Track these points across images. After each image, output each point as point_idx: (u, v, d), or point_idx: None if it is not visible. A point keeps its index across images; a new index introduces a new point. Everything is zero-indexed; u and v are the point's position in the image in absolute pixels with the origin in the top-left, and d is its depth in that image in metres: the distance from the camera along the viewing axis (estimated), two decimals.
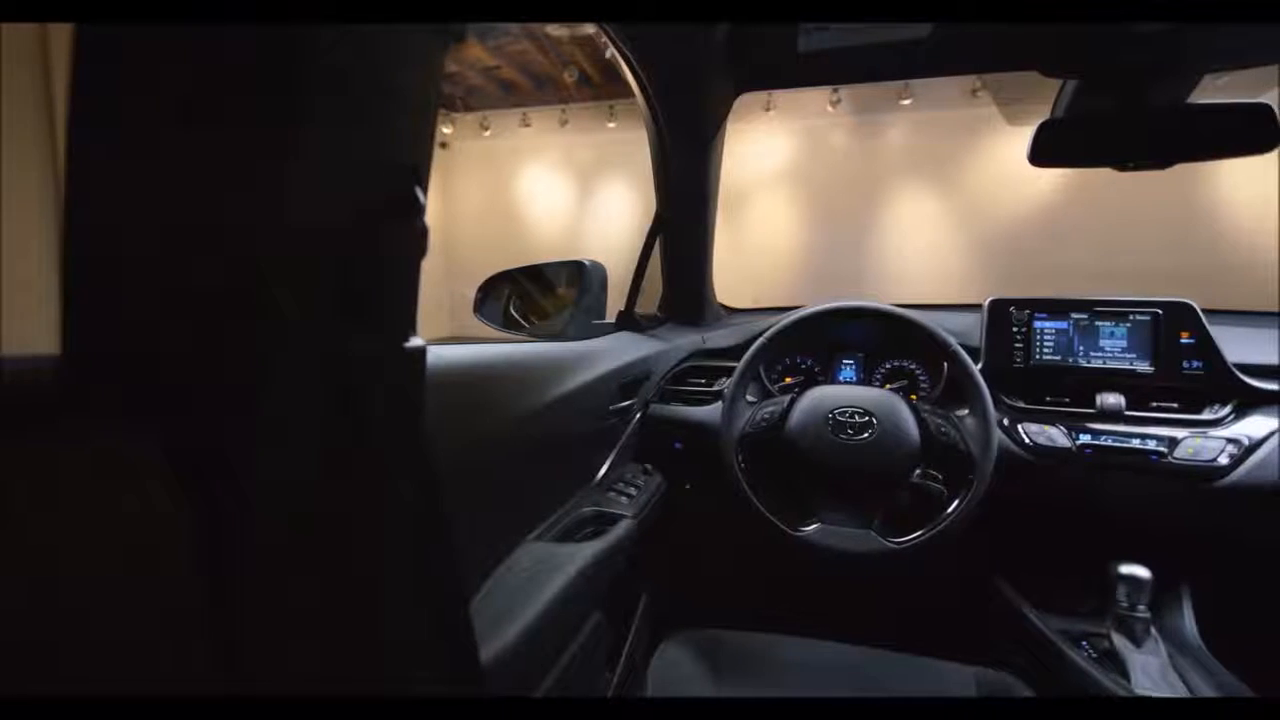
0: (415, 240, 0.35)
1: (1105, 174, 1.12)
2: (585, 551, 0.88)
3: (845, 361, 1.36)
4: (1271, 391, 1.08)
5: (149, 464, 0.26)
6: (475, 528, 0.78)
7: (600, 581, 0.94)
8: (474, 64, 5.83)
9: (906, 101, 5.49)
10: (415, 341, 0.36)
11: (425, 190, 0.35)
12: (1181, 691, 0.93)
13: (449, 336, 6.27)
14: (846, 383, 1.33)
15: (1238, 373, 1.09)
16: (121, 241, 0.27)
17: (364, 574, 0.36)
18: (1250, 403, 1.09)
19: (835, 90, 5.54)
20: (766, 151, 6.05)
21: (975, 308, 1.28)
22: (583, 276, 1.29)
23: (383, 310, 0.34)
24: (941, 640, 1.09)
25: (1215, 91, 1.10)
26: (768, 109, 5.83)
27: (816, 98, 5.66)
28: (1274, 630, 1.12)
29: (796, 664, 1.01)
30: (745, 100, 1.23)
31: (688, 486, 1.32)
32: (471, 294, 1.29)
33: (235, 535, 0.29)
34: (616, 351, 1.16)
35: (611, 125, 6.32)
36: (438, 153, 7.10)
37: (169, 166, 0.27)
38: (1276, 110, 0.94)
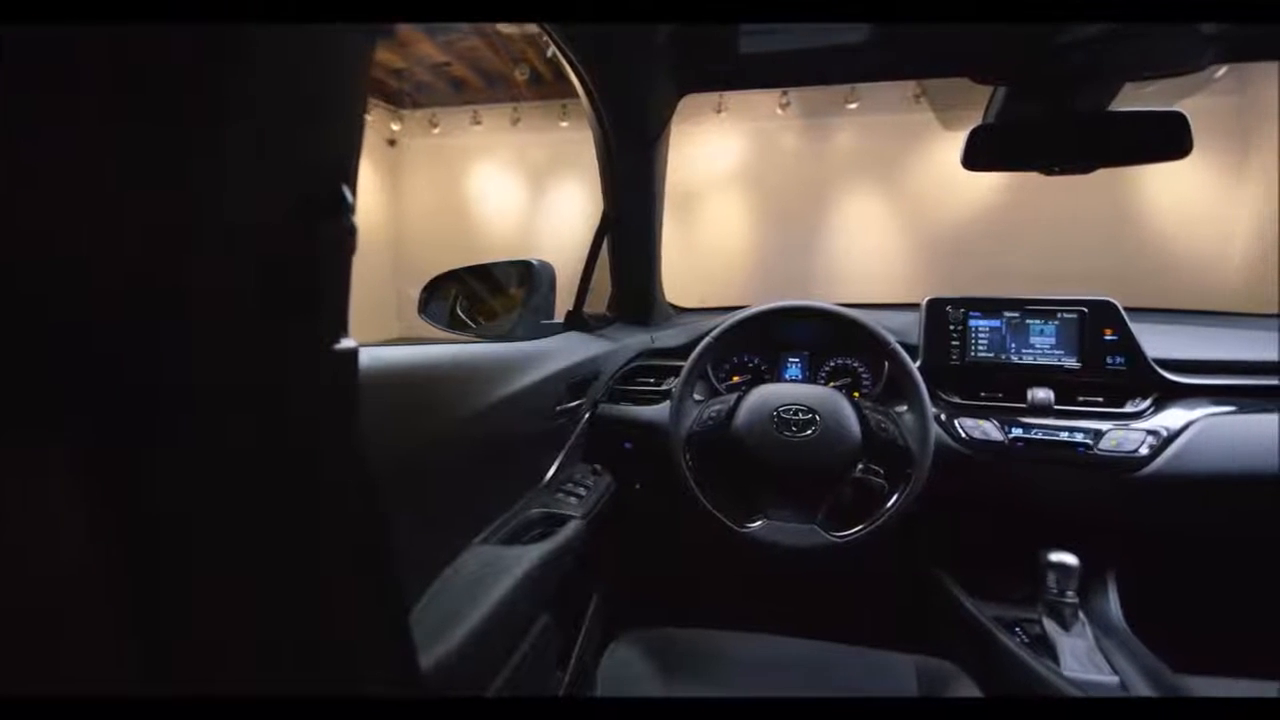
0: (343, 239, 0.34)
1: (1042, 178, 1.16)
2: (533, 553, 0.87)
3: (791, 360, 1.39)
4: (1188, 385, 1.14)
5: (66, 464, 0.25)
6: (419, 531, 0.76)
7: (549, 583, 0.93)
8: (423, 60, 5.74)
9: (853, 105, 5.62)
10: (347, 343, 0.35)
11: (354, 188, 0.34)
12: (1106, 672, 0.98)
13: (398, 338, 6.16)
14: (792, 381, 1.36)
15: (1157, 368, 1.15)
16: (40, 242, 0.26)
17: (294, 578, 0.35)
18: (1169, 396, 1.15)
19: (784, 93, 5.63)
20: (718, 153, 6.12)
21: (915, 307, 1.32)
22: (531, 276, 1.28)
23: (311, 311, 0.33)
24: (885, 631, 1.12)
25: (1144, 99, 1.15)
26: (719, 110, 5.89)
27: (766, 100, 5.75)
28: (1191, 612, 1.18)
29: (744, 660, 1.03)
30: (696, 101, 1.25)
31: (638, 486, 1.32)
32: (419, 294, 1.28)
33: (152, 539, 0.28)
34: (564, 352, 1.16)
35: (564, 124, 6.29)
36: (386, 151, 7.01)
37: (88, 166, 0.26)
38: (1190, 118, 1.00)
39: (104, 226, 0.26)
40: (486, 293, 1.35)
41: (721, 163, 6.14)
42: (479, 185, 7.00)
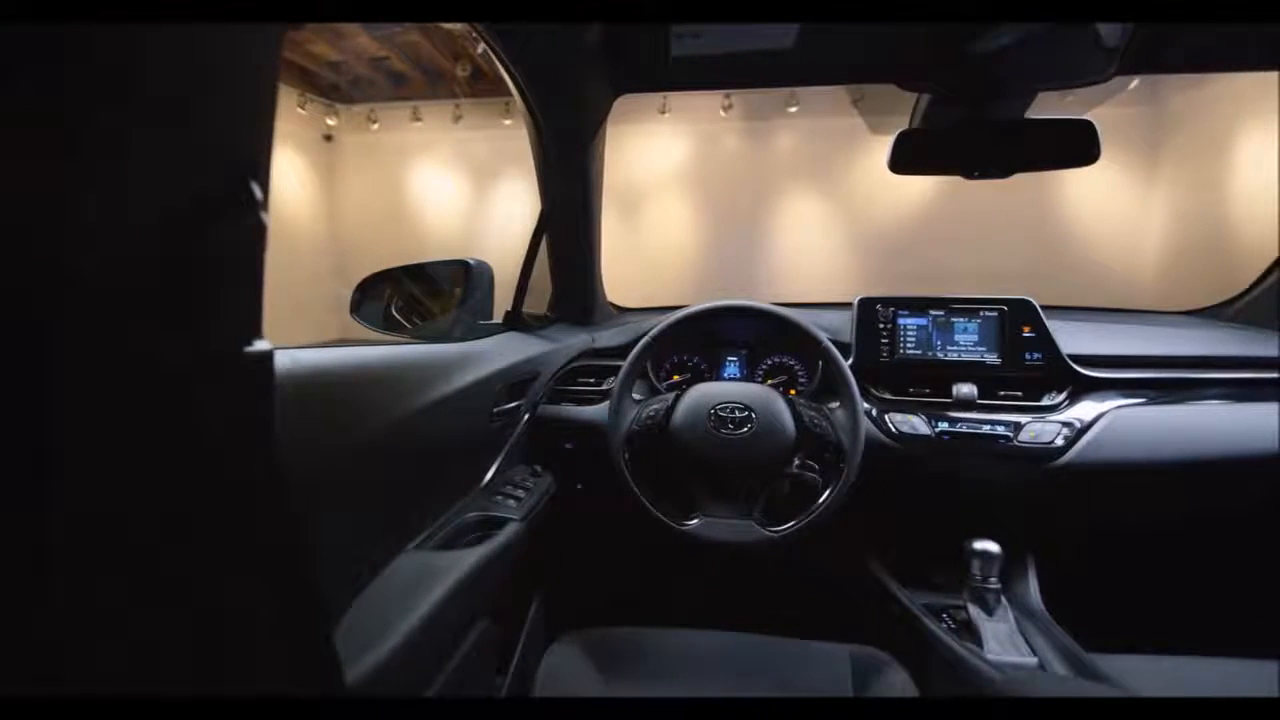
0: (252, 237, 0.33)
1: (970, 181, 1.21)
2: (469, 558, 0.86)
3: (730, 358, 1.41)
4: (1101, 379, 1.21)
5: None
6: (348, 538, 0.74)
7: (486, 587, 0.92)
8: (360, 53, 5.58)
9: (794, 109, 5.74)
10: (261, 345, 0.34)
11: (265, 185, 0.33)
12: (1025, 653, 1.03)
13: (336, 339, 5.97)
14: (731, 379, 1.38)
15: (1071, 363, 1.21)
16: None
17: (202, 590, 0.34)
18: (1083, 389, 1.22)
19: (727, 96, 5.70)
20: (663, 154, 6.15)
21: (849, 306, 1.35)
22: (468, 276, 1.27)
23: (219, 312, 0.32)
24: (820, 621, 1.15)
25: (1065, 108, 1.21)
26: (663, 111, 5.92)
27: (709, 102, 5.81)
28: (1102, 594, 1.25)
29: (682, 655, 1.04)
30: (640, 102, 1.25)
31: (579, 487, 1.32)
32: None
33: (43, 552, 0.27)
34: (502, 352, 1.15)
35: (507, 122, 6.21)
36: (322, 147, 6.79)
37: None
38: (1104, 126, 1.05)
39: None
40: (422, 293, 1.32)
41: (666, 164, 6.17)
42: (421, 183, 6.85)
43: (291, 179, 6.30)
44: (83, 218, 0.26)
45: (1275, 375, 1.19)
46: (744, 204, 6.06)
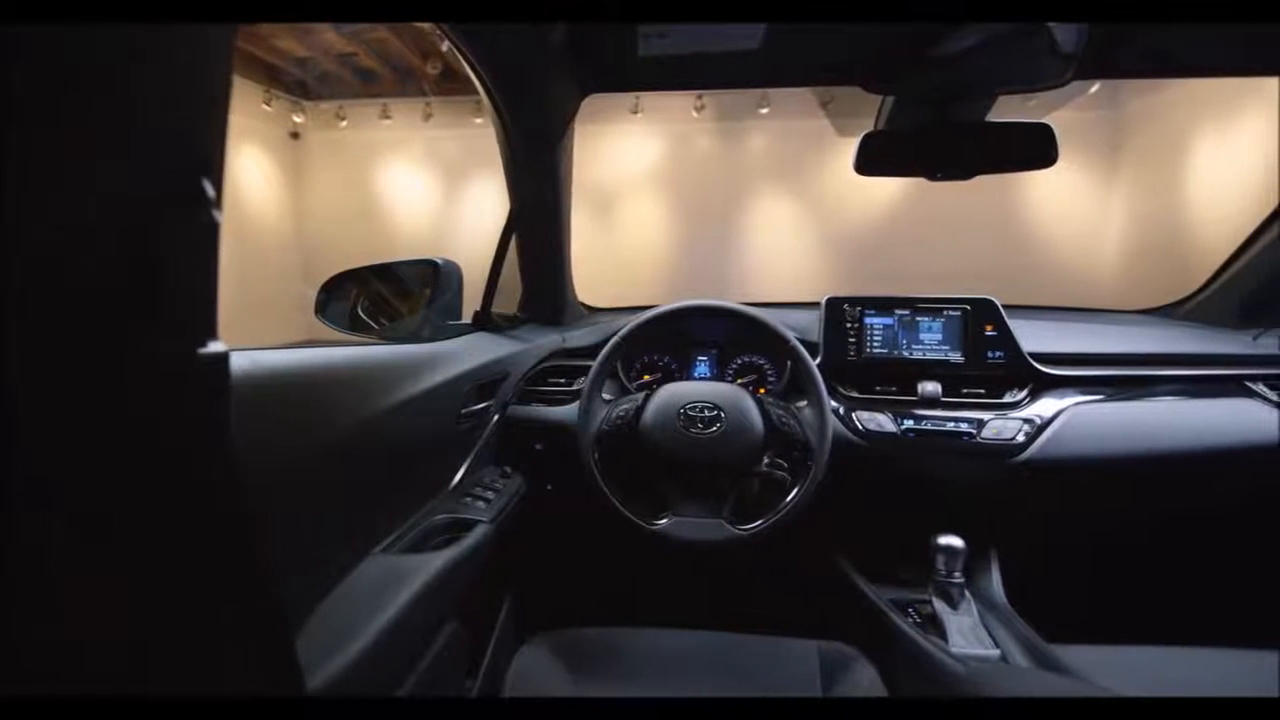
0: (205, 236, 0.32)
1: (937, 183, 1.23)
2: (436, 561, 0.85)
3: (700, 358, 1.41)
4: (1060, 376, 1.24)
5: None
6: (312, 542, 0.73)
7: (455, 590, 0.91)
8: (328, 49, 5.49)
9: (765, 110, 5.79)
10: (215, 346, 0.33)
11: (218, 183, 0.33)
12: (988, 645, 1.05)
13: (305, 340, 5.87)
14: (701, 378, 1.39)
15: (1032, 361, 1.24)
16: None
17: (157, 593, 0.33)
18: (1043, 386, 1.25)
19: (700, 96, 5.73)
20: (635, 154, 6.16)
21: (818, 305, 1.37)
22: (437, 276, 1.25)
23: (171, 313, 0.32)
24: (790, 618, 1.16)
25: (1028, 112, 1.24)
26: (635, 111, 5.92)
27: (682, 102, 5.84)
28: (1062, 586, 1.28)
29: (652, 655, 1.04)
30: (613, 102, 1.26)
31: (550, 487, 1.31)
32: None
33: None
34: (471, 352, 1.14)
35: (478, 121, 6.16)
36: (289, 144, 6.68)
37: None
38: (1064, 130, 1.08)
39: None
40: (389, 293, 1.30)
41: (639, 164, 6.18)
42: (391, 182, 6.76)
43: (257, 177, 6.17)
44: (28, 218, 0.25)
45: (1227, 372, 1.23)
46: (716, 204, 6.09)
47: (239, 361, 0.58)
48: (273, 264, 6.24)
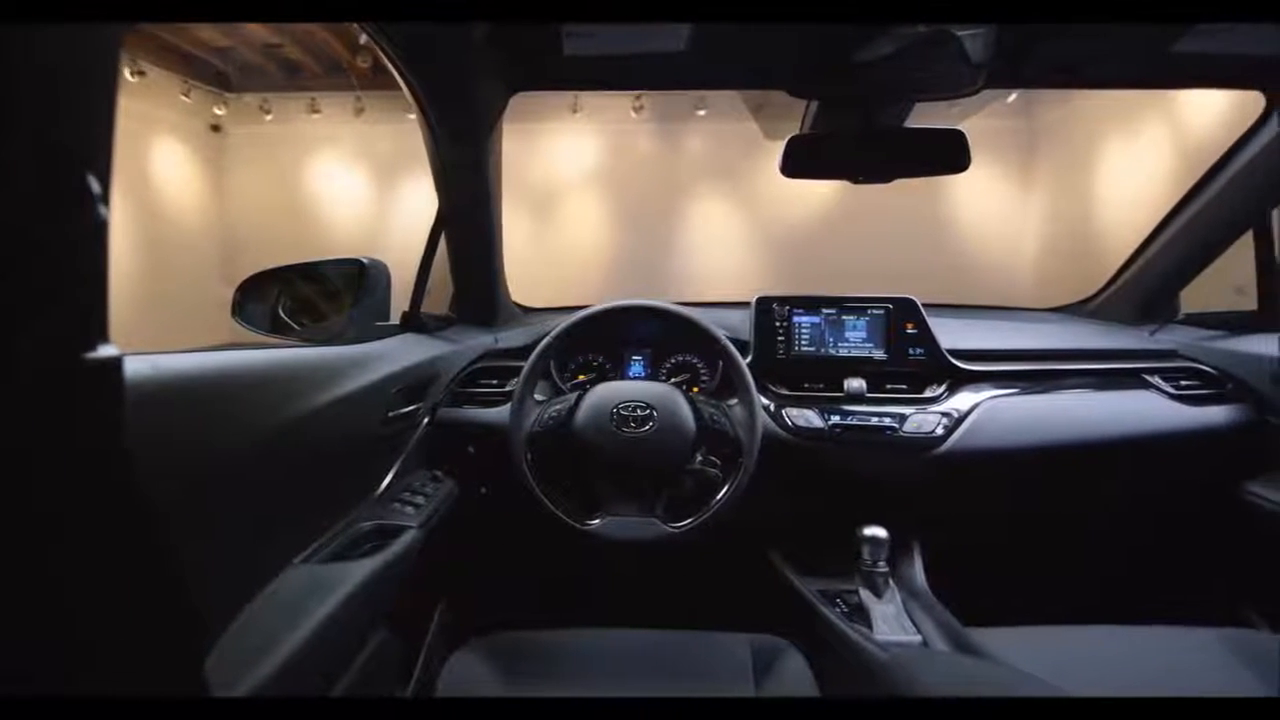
0: (91, 234, 0.30)
1: (870, 185, 1.27)
2: (360, 570, 0.83)
3: (634, 358, 1.42)
4: (977, 371, 1.30)
5: None
6: (226, 552, 0.70)
7: (382, 598, 0.89)
8: (250, 40, 5.26)
9: (702, 112, 5.85)
10: (106, 350, 0.31)
11: (105, 179, 0.31)
12: (910, 632, 1.09)
13: (227, 343, 5.61)
14: (636, 378, 1.39)
15: (950, 357, 1.30)
16: None
17: (49, 607, 0.31)
18: (961, 382, 1.31)
19: (638, 97, 5.74)
20: (575, 153, 6.12)
21: (749, 305, 1.39)
22: (364, 276, 1.22)
23: (53, 316, 0.30)
24: (724, 613, 1.17)
25: (948, 118, 1.29)
26: (575, 110, 5.89)
27: (620, 103, 5.83)
28: (979, 571, 1.34)
29: (586, 656, 1.04)
30: (553, 101, 1.24)
31: (483, 490, 1.30)
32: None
33: None
34: (398, 354, 1.11)
35: (412, 116, 5.97)
36: (209, 137, 6.36)
37: None
38: (983, 136, 1.13)
39: None
40: (312, 293, 1.26)
41: (578, 163, 6.15)
42: (320, 178, 6.51)
43: (172, 171, 5.86)
44: None
45: (1127, 366, 1.32)
46: (655, 204, 6.11)
47: (137, 366, 0.56)
48: (191, 267, 5.93)
